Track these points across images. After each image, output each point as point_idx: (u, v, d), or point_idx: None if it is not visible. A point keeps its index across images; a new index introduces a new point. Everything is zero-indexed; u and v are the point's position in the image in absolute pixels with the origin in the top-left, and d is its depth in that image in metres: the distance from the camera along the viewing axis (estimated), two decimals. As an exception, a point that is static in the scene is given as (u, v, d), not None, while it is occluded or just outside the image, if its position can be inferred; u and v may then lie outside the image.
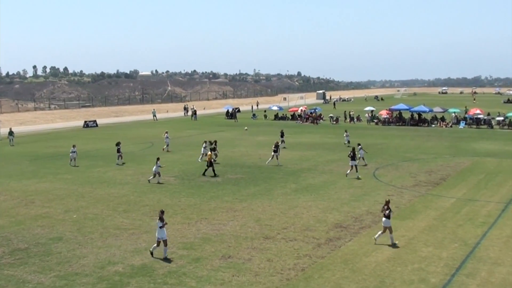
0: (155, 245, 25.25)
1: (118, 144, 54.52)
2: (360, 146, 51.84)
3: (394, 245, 26.38)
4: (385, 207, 26.71)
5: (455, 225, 30.07)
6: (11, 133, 74.21)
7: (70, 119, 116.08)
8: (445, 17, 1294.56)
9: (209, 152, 49.07)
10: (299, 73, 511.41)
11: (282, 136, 66.02)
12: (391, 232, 26.74)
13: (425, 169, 48.12)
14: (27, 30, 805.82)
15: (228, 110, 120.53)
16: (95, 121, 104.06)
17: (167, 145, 61.29)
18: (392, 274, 22.48)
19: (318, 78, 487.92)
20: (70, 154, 53.65)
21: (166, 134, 62.66)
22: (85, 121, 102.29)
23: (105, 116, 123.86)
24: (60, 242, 27.78)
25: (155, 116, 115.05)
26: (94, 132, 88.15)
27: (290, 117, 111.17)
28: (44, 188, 42.06)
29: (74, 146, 54.25)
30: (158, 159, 44.30)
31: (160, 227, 25.03)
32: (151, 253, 25.22)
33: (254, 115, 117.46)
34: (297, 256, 24.89)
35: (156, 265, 23.94)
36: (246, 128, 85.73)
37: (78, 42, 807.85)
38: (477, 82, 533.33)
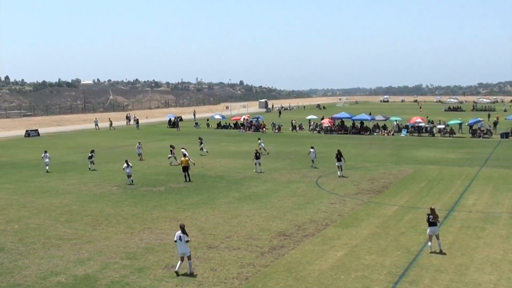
0: (180, 262, 24.02)
1: (92, 151, 56.25)
2: (312, 150, 54.16)
3: (440, 252, 26.55)
4: (431, 216, 26.80)
5: (397, 232, 30.36)
6: None
7: (12, 128, 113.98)
8: (386, 25, 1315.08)
9: (183, 158, 49.31)
10: (241, 82, 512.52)
11: (201, 143, 66.34)
12: (438, 238, 26.90)
13: (368, 177, 48.57)
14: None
15: (170, 119, 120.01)
16: (36, 130, 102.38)
17: (140, 154, 61.56)
18: (336, 282, 22.57)
19: (261, 87, 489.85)
20: (46, 160, 54.28)
21: (138, 145, 62.31)
22: (27, 130, 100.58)
23: (47, 125, 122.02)
24: (2, 253, 27.22)
25: (97, 125, 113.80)
26: (36, 142, 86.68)
27: (233, 126, 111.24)
28: (-16, 198, 41.19)
29: (46, 151, 55.28)
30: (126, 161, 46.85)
31: (187, 241, 24.07)
32: (177, 273, 23.77)
33: (196, 123, 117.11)
34: (240, 265, 24.82)
35: (99, 275, 23.60)
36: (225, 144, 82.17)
37: (19, 50, 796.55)
38: (418, 90, 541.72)
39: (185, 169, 47.98)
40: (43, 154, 55.46)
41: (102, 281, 23.03)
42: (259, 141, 68.27)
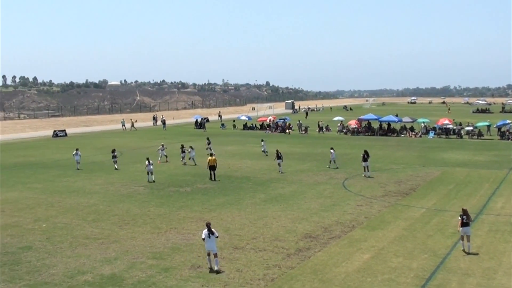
0: (209, 257, 24.75)
1: (113, 151, 57.49)
2: (332, 151, 54.62)
3: (468, 254, 26.45)
4: (464, 216, 26.72)
5: (425, 235, 30.14)
6: None
7: (39, 129, 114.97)
8: (413, 26, 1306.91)
9: (210, 157, 49.65)
10: (267, 83, 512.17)
11: (208, 143, 66.32)
12: (468, 240, 26.79)
13: (395, 179, 48.31)
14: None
15: (197, 120, 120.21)
16: (64, 130, 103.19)
17: (161, 157, 61.03)
18: (362, 285, 22.47)
19: (287, 88, 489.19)
20: (76, 158, 56.50)
21: (161, 147, 62.40)
22: (54, 131, 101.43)
23: (74, 125, 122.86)
24: (30, 251, 27.51)
25: (124, 125, 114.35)
26: (64, 142, 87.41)
27: (259, 127, 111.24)
28: (14, 197, 41.65)
29: (77, 149, 57.65)
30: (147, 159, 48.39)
31: (217, 237, 24.75)
32: (211, 269, 24.45)
33: (223, 125, 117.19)
34: (266, 266, 24.81)
35: (125, 275, 23.73)
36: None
37: (47, 51, 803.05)
38: (446, 92, 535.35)
39: (212, 168, 48.56)
40: (74, 152, 57.34)
41: (129, 280, 23.15)
42: (262, 142, 68.31)
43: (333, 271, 24.08)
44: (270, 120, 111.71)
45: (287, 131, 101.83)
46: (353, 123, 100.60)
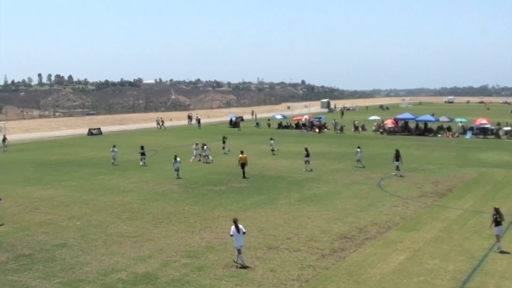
0: (239, 255, 25.19)
1: (142, 148, 59.03)
2: (359, 150, 55.01)
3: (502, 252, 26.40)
4: (497, 215, 26.56)
5: (461, 237, 29.83)
6: (4, 140, 75.71)
7: (75, 127, 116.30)
8: (452, 24, 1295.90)
9: (241, 155, 50.16)
10: (303, 82, 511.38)
11: (224, 142, 66.35)
12: (499, 240, 26.69)
13: (431, 179, 47.88)
14: (32, 38, 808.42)
15: (231, 119, 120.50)
16: (99, 129, 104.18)
17: (195, 156, 61.41)
18: (398, 287, 22.31)
19: (323, 86, 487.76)
20: (112, 154, 58.51)
21: (195, 146, 62.78)
22: (90, 129, 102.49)
23: (109, 124, 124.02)
24: (64, 249, 27.81)
25: (159, 124, 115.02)
26: (98, 140, 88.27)
27: (294, 126, 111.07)
28: (49, 195, 42.14)
29: (114, 146, 60.03)
30: (175, 156, 50.26)
31: (244, 233, 25.33)
32: (244, 266, 24.91)
33: (257, 123, 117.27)
34: (301, 267, 24.75)
35: (159, 273, 23.85)
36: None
37: (82, 50, 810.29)
38: (484, 91, 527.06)
39: (243, 165, 49.07)
40: (111, 149, 59.38)
41: (162, 279, 23.27)
42: (271, 141, 68.85)
43: (368, 273, 23.94)
44: (305, 119, 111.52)
45: (319, 130, 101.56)
46: (389, 123, 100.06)
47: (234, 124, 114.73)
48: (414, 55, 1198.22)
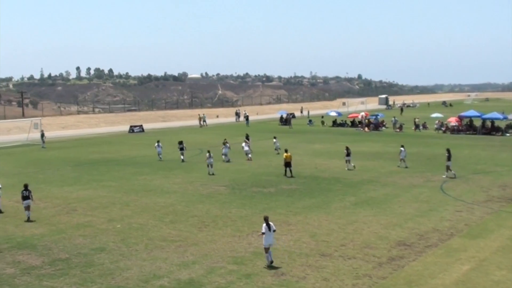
0: (267, 254, 26.01)
1: (180, 143, 61.34)
2: (403, 149, 55.18)
3: None
4: None
5: (531, 246, 29.40)
6: (42, 135, 77.27)
7: (115, 124, 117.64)
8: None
9: (286, 153, 50.76)
10: (359, 76, 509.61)
11: (247, 139, 66.72)
12: None
13: (499, 183, 47.17)
14: (70, 29, 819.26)
15: (282, 116, 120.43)
16: (141, 126, 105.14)
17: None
18: (461, 298, 22.09)
19: (380, 81, 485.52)
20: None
21: (244, 144, 63.66)
22: (131, 126, 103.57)
23: (152, 120, 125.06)
24: (103, 253, 28.10)
25: (205, 121, 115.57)
26: (140, 138, 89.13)
27: (350, 124, 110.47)
28: (87, 195, 42.68)
29: (158, 142, 62.91)
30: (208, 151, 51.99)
31: (274, 231, 26.17)
32: (271, 263, 25.89)
33: (310, 121, 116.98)
34: (356, 276, 24.64)
35: (204, 280, 23.96)
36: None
37: (124, 42, 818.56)
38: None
39: (288, 164, 49.59)
40: (156, 144, 61.79)
41: (207, 286, 23.36)
42: (274, 140, 69.08)
43: (428, 283, 23.71)
44: (362, 116, 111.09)
45: (381, 127, 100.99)
46: (453, 121, 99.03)
47: (285, 121, 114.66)
48: (481, 47, 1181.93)
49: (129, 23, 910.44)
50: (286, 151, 51.78)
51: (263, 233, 25.92)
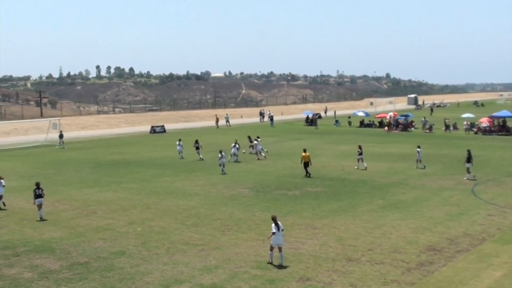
0: (271, 253, 26.73)
1: (196, 142, 64.58)
2: (419, 149, 55.87)
3: None
4: None
5: None
6: (61, 136, 77.87)
7: (136, 124, 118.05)
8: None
9: (304, 153, 51.24)
10: (387, 75, 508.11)
11: (251, 141, 66.56)
12: None
13: (533, 186, 46.86)
14: (90, 27, 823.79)
15: (308, 116, 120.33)
16: (162, 126, 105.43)
17: (231, 155, 61.93)
18: (493, 305, 21.94)
19: (409, 80, 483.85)
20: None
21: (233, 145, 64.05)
22: (152, 126, 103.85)
23: (174, 121, 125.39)
24: (123, 257, 28.19)
25: (228, 121, 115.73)
26: (162, 138, 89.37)
27: (378, 124, 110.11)
28: (107, 197, 42.86)
29: (180, 140, 65.42)
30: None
31: (282, 230, 26.82)
32: (271, 263, 26.65)
33: (337, 121, 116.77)
34: (383, 281, 24.55)
35: (227, 285, 23.97)
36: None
37: (145, 40, 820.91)
38: None
39: (306, 164, 50.33)
40: (177, 142, 64.01)
41: (230, 292, 23.39)
42: (255, 141, 67.90)
43: (460, 289, 23.60)
44: (390, 116, 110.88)
45: (410, 128, 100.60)
46: (484, 121, 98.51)
47: (311, 121, 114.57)
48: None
49: (151, 20, 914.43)
50: (304, 150, 52.02)
51: (273, 233, 26.43)
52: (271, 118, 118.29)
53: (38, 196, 36.30)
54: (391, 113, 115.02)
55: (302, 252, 28.46)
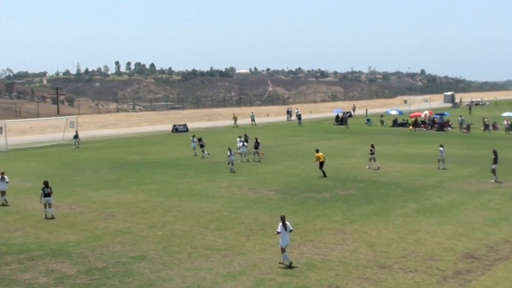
0: (284, 254, 27.18)
1: (200, 139, 66.80)
2: (442, 149, 55.98)
3: None
4: None
5: None
6: (75, 136, 78.41)
7: (157, 123, 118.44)
8: None
9: (318, 153, 51.91)
10: (422, 71, 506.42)
11: (246, 141, 66.69)
12: None
13: None
14: (109, 21, 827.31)
15: (338, 115, 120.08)
16: (185, 125, 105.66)
17: (240, 152, 63.66)
18: (535, 317, 21.75)
19: (446, 77, 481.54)
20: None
21: (238, 139, 66.87)
22: (174, 125, 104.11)
23: (197, 119, 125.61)
24: (143, 262, 28.25)
25: (254, 120, 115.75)
26: (184, 138, 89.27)
27: (412, 123, 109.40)
28: (126, 199, 43.02)
29: (194, 136, 67.86)
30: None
31: (291, 231, 27.64)
32: (288, 264, 27.12)
33: (368, 120, 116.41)
34: (418, 290, 24.43)
35: (252, 294, 23.96)
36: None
37: (167, 35, 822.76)
38: None
39: (321, 164, 51.27)
40: (191, 138, 66.35)
41: (255, 300, 23.38)
42: (238, 139, 67.91)
43: (499, 300, 23.42)
44: (425, 115, 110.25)
45: (446, 127, 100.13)
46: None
47: (341, 120, 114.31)
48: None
49: (173, 14, 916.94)
50: (317, 151, 52.55)
51: (278, 232, 27.25)
52: (299, 116, 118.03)
53: (46, 195, 37.10)
54: (426, 112, 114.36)
55: (331, 259, 28.38)
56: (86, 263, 28.21)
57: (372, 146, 56.71)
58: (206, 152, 65.17)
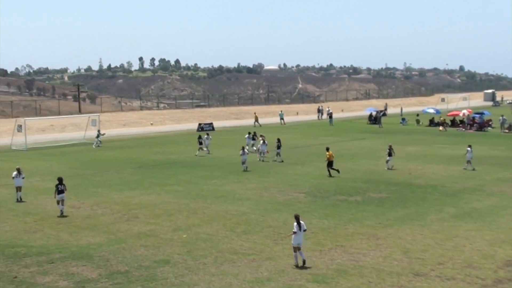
0: (296, 254, 27.81)
1: (200, 137, 69.74)
2: (469, 149, 55.93)
3: None
4: None
5: None
6: (98, 135, 78.93)
7: (182, 121, 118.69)
8: None
9: (328, 152, 52.70)
10: (461, 68, 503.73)
11: (253, 139, 68.88)
12: None
13: None
14: (132, 16, 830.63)
15: (371, 113, 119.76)
16: (211, 123, 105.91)
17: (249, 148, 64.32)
18: None
19: (486, 74, 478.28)
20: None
21: (247, 136, 68.55)
22: (200, 124, 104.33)
23: (223, 118, 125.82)
24: (167, 266, 28.29)
25: (283, 119, 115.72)
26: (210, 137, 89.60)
27: (450, 123, 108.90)
28: (150, 201, 43.14)
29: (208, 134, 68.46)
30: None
31: (305, 230, 28.29)
32: (297, 266, 27.77)
33: (403, 119, 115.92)
34: (456, 299, 24.30)
35: (280, 301, 23.93)
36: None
37: (192, 30, 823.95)
38: None
39: (330, 164, 52.07)
40: (205, 136, 68.04)
41: (284, 307, 23.36)
42: (246, 136, 71.47)
43: (542, 310, 23.24)
44: (464, 114, 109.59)
45: (486, 127, 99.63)
46: None
47: (374, 119, 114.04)
48: None
49: (198, 8, 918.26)
50: (327, 149, 52.92)
51: (294, 233, 27.55)
52: (330, 115, 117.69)
53: (60, 191, 38.11)
54: (465, 111, 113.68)
55: (363, 265, 28.29)
56: (108, 266, 28.31)
57: (390, 147, 57.76)
58: (205, 149, 68.68)
